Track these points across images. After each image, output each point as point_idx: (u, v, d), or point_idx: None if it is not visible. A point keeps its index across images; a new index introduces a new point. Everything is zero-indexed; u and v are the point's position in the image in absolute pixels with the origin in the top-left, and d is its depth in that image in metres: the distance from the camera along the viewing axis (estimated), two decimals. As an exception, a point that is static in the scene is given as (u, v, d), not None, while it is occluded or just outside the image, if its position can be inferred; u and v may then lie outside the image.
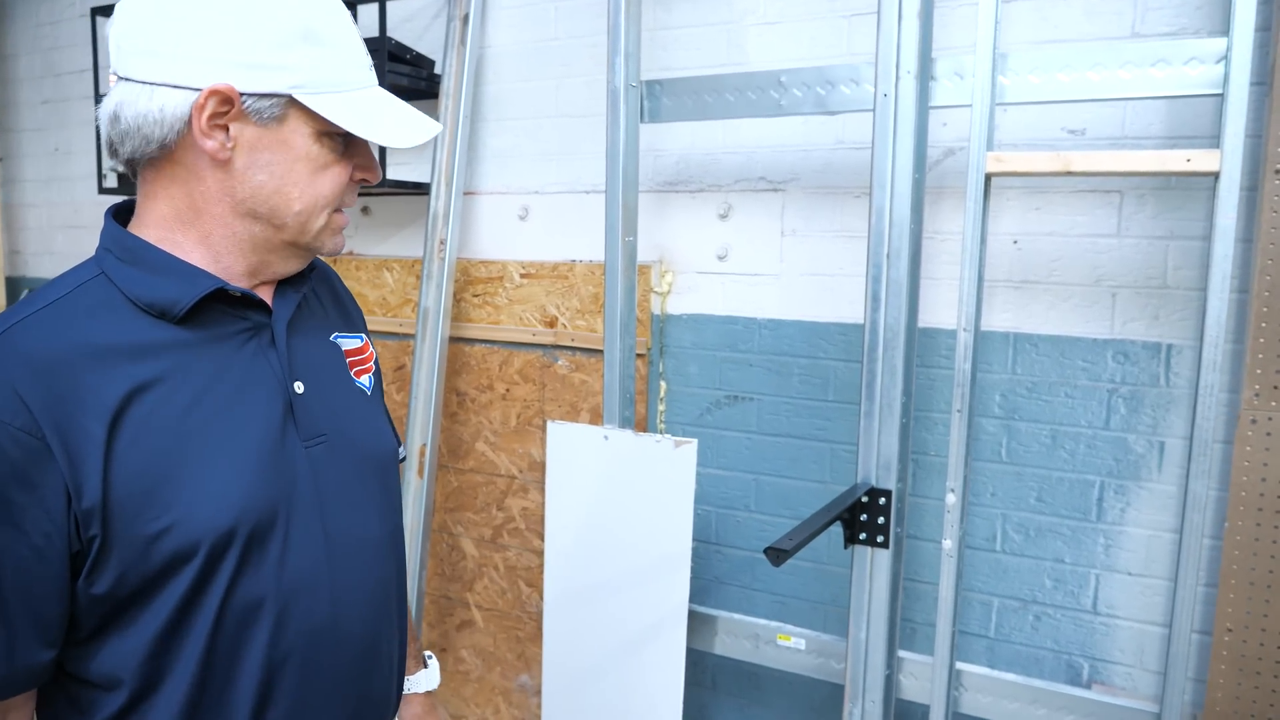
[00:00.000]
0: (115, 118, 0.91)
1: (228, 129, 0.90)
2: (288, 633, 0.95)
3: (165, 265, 0.93)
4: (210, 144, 0.89)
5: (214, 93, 0.87)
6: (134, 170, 0.96)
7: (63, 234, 3.81)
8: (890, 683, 1.91)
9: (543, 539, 2.66)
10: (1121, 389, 1.97)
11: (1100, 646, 2.04)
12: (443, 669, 2.89)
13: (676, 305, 2.44)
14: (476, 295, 2.70)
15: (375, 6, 2.58)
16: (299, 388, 0.99)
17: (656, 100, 2.10)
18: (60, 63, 3.70)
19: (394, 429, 1.19)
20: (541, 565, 2.67)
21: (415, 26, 2.75)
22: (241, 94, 0.88)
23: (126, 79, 0.90)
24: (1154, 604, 1.98)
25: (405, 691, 1.30)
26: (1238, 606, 1.58)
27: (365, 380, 1.11)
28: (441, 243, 2.60)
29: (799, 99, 1.95)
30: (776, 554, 1.46)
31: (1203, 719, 1.67)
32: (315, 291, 1.11)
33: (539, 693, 2.72)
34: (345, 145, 0.96)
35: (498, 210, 2.68)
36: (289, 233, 0.96)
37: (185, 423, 0.89)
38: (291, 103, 0.91)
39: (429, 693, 1.34)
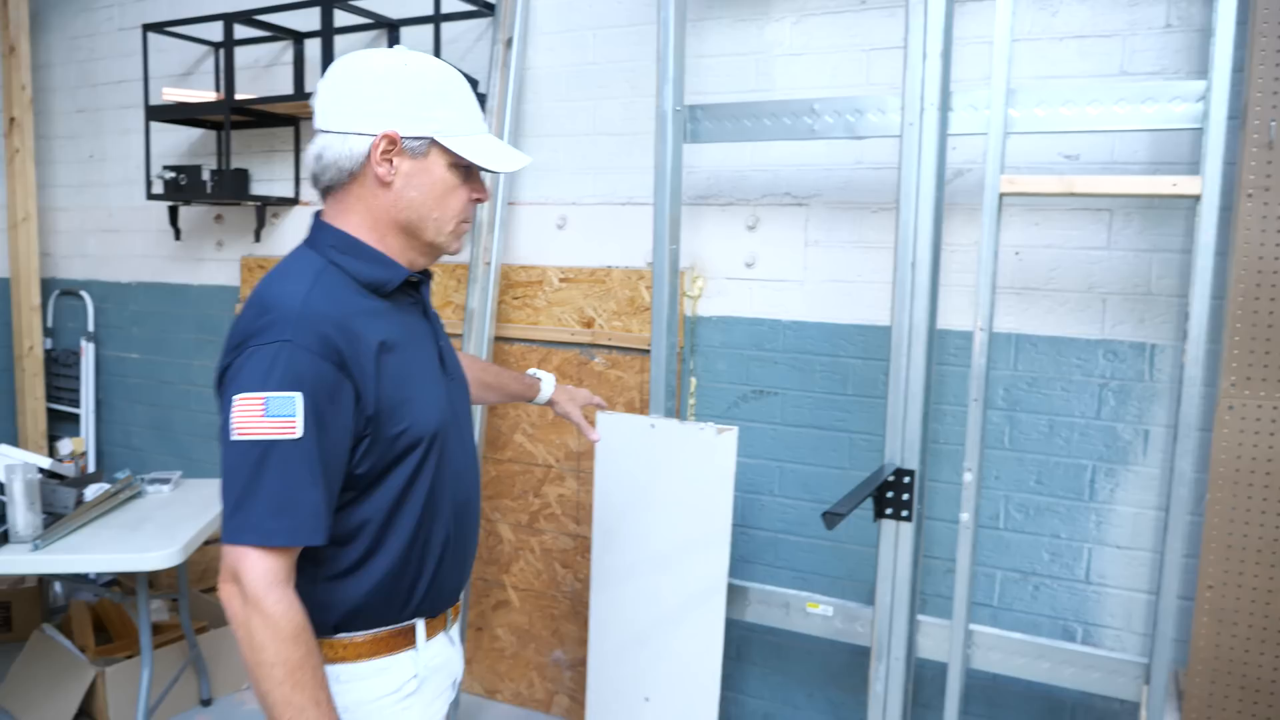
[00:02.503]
0: (319, 157, 1.30)
1: (392, 161, 1.28)
2: (454, 505, 1.38)
3: (375, 257, 1.32)
4: (380, 170, 1.28)
5: (385, 135, 1.26)
6: (325, 193, 1.34)
7: (95, 238, 3.96)
8: (912, 643, 2.15)
9: (578, 523, 2.88)
10: (1111, 383, 2.24)
11: (1092, 612, 2.30)
12: (478, 647, 3.10)
13: (706, 308, 2.67)
14: (516, 298, 2.91)
15: (429, 29, 2.78)
16: (441, 343, 1.44)
17: (698, 123, 2.33)
18: (96, 73, 3.86)
19: None
20: (576, 548, 2.89)
21: (459, 48, 2.97)
22: (402, 136, 1.27)
23: (326, 131, 1.29)
24: (1140, 573, 2.24)
25: (545, 398, 1.99)
26: (1217, 566, 1.85)
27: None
28: (486, 250, 2.82)
29: (830, 125, 2.20)
30: (832, 517, 1.69)
31: (1186, 669, 1.93)
32: None
33: (573, 666, 2.93)
34: (466, 175, 1.34)
35: (537, 219, 2.90)
36: (428, 235, 1.34)
37: (403, 362, 1.29)
38: (433, 143, 1.29)
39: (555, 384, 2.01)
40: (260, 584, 1.17)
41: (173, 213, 3.49)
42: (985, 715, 2.41)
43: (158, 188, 3.34)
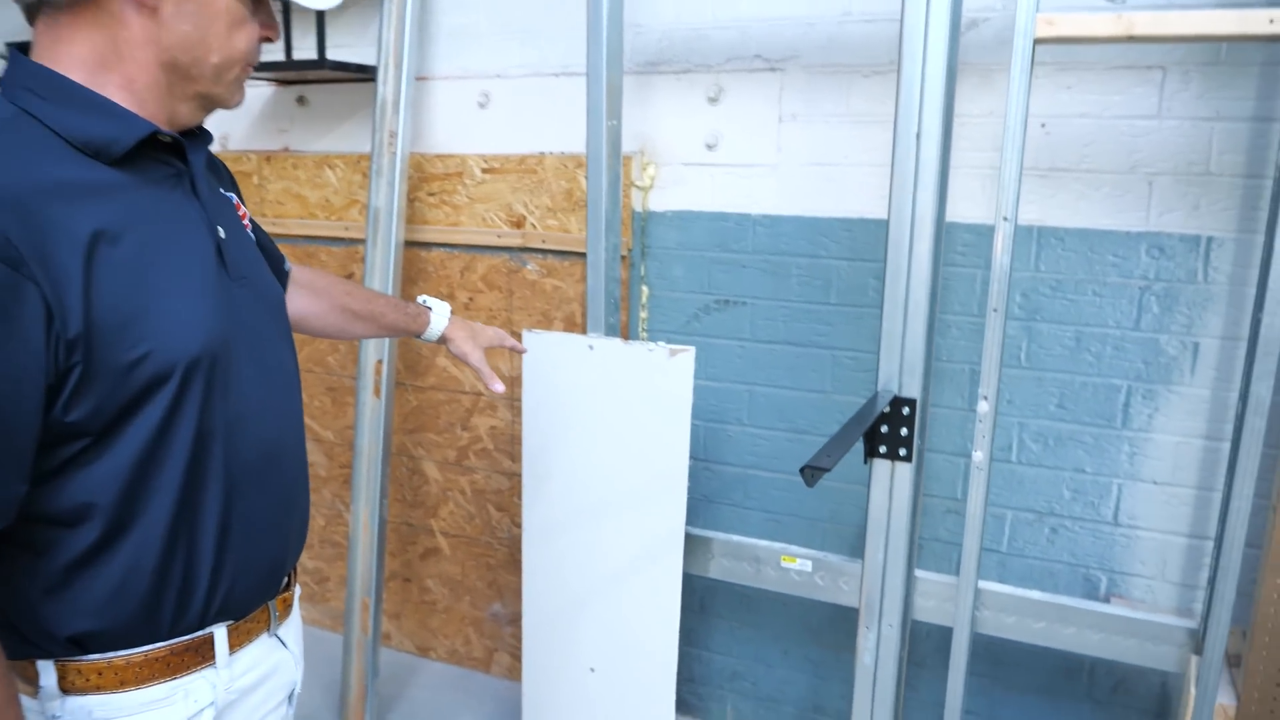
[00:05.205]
0: None
1: None
2: (244, 451, 1.02)
3: (99, 106, 0.92)
4: None
5: None
6: (35, 12, 0.92)
7: None
8: (908, 605, 1.77)
9: (513, 460, 2.46)
10: (1155, 286, 1.82)
11: (1120, 559, 1.94)
12: (406, 600, 2.71)
13: (660, 201, 2.20)
14: (432, 194, 2.42)
15: None
16: (221, 233, 1.03)
17: (644, -39, 1.83)
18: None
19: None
20: (512, 488, 2.48)
21: (352, -118, 2.40)
22: None
23: None
24: (1180, 514, 1.87)
25: (435, 334, 1.55)
26: (1297, 516, 1.47)
27: (250, 232, 1.14)
28: (392, 135, 2.31)
29: (812, -43, 1.70)
30: (813, 472, 1.28)
31: (1252, 629, 1.57)
32: None
33: (514, 621, 2.56)
34: (255, 6, 1.00)
35: (454, 97, 2.39)
36: (204, 83, 0.98)
37: (143, 258, 0.91)
38: None
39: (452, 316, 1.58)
40: None
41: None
42: (989, 675, 2.07)
43: None
